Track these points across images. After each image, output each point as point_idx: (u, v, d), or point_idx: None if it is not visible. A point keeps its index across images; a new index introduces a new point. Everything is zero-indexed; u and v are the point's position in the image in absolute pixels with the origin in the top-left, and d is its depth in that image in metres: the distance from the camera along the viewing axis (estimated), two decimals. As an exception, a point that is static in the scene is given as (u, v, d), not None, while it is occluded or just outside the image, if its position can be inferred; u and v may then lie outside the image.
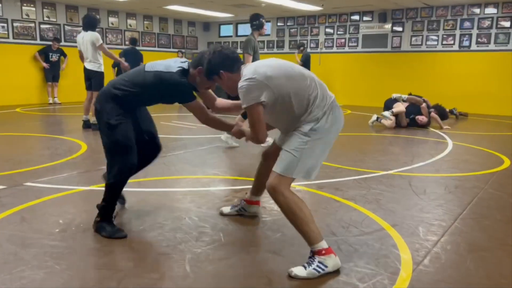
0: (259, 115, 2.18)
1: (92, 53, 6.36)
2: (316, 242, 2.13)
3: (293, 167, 2.16)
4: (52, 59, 10.48)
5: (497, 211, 3.16)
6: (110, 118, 2.51)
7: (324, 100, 2.22)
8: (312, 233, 2.14)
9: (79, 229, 2.65)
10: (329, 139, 2.25)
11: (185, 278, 2.08)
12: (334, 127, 2.24)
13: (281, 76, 2.17)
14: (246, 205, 2.89)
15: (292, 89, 2.16)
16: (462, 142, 6.05)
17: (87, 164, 4.40)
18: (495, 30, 9.74)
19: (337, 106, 2.29)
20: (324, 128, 2.19)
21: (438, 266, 2.25)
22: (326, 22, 12.20)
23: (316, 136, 2.17)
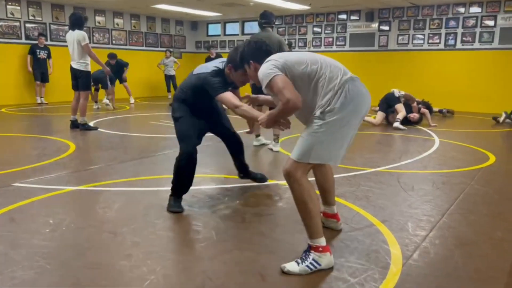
0: (284, 81, 2.08)
1: (78, 52, 6.27)
2: (316, 238, 2.13)
3: (308, 152, 2.11)
4: (40, 56, 10.26)
5: (483, 206, 3.23)
6: (175, 113, 3.10)
7: (334, 80, 2.11)
8: (315, 228, 2.13)
9: (70, 228, 2.64)
10: (347, 119, 2.10)
11: (178, 276, 2.09)
12: (350, 106, 2.09)
13: (294, 61, 2.17)
14: (323, 217, 2.67)
15: (305, 74, 2.13)
16: (448, 139, 6.15)
17: (75, 164, 4.36)
18: (480, 29, 9.91)
19: (354, 84, 2.15)
20: (336, 108, 2.07)
21: (427, 260, 2.30)
22: (314, 21, 12.27)
23: (331, 118, 2.07)
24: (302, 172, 2.14)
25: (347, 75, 2.16)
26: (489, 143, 5.92)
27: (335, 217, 2.68)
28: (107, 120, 7.88)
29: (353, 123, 2.17)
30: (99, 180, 3.74)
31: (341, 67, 2.22)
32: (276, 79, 2.09)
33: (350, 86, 2.12)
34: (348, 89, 2.11)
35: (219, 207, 3.09)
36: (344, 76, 2.15)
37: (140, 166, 4.31)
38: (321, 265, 2.12)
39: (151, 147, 5.26)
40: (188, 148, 2.99)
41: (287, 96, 2.05)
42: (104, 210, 3.00)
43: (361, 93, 2.18)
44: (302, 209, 2.15)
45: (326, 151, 2.12)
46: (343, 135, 2.13)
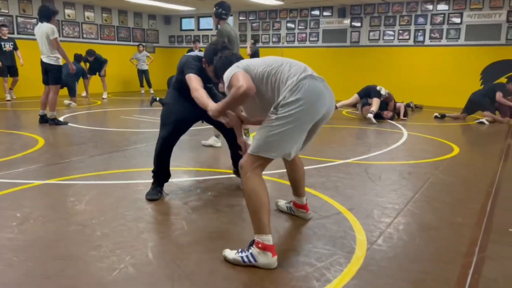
0: (243, 74, 2.14)
1: (48, 46, 6.11)
2: (259, 233, 2.08)
3: (260, 145, 2.12)
4: (6, 49, 9.57)
5: (446, 194, 3.37)
6: (164, 99, 3.21)
7: (291, 78, 2.12)
8: (259, 222, 2.08)
9: (38, 222, 2.61)
10: (299, 115, 2.08)
11: (148, 265, 2.11)
12: (303, 101, 2.07)
13: (256, 63, 2.23)
14: (294, 208, 2.79)
15: (265, 73, 2.17)
16: (416, 132, 6.34)
17: (44, 158, 4.29)
18: (447, 26, 10.22)
19: (312, 81, 2.14)
20: (288, 102, 2.07)
21: (391, 245, 2.39)
22: (287, 16, 12.35)
23: (283, 113, 2.07)
24: (256, 166, 2.14)
25: (307, 73, 2.16)
26: (454, 136, 6.14)
27: (305, 207, 2.75)
28: (78, 114, 7.74)
29: (306, 119, 2.14)
30: (68, 174, 3.70)
31: (303, 66, 2.23)
32: (237, 74, 2.15)
33: (307, 83, 2.11)
34: (303, 86, 2.10)
35: (191, 199, 3.12)
36: (304, 73, 2.15)
37: (111, 160, 4.28)
38: (257, 262, 2.05)
39: (122, 142, 5.22)
40: (163, 133, 3.06)
41: (241, 83, 2.08)
42: (73, 203, 2.97)
43: (318, 91, 2.15)
44: (248, 203, 2.13)
45: (275, 146, 2.12)
46: (295, 130, 2.11)
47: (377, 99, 7.63)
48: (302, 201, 2.75)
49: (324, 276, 2.00)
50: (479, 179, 3.84)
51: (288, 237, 2.49)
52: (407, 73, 10.64)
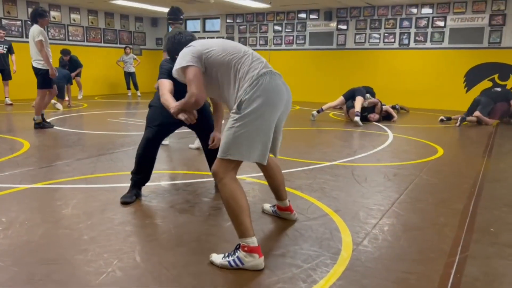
0: (195, 74, 2.15)
1: (35, 49, 6.01)
2: (243, 237, 2.08)
3: (227, 148, 2.08)
4: None
5: (430, 195, 3.44)
6: (151, 101, 3.20)
7: (252, 72, 2.11)
8: (241, 227, 2.08)
9: (24, 226, 2.59)
10: (261, 112, 2.06)
11: (136, 268, 2.11)
12: (262, 98, 2.05)
13: (215, 49, 2.20)
14: (278, 211, 2.80)
15: (224, 61, 2.17)
16: (401, 134, 6.43)
17: (30, 162, 4.25)
18: (431, 29, 10.38)
19: (271, 77, 2.13)
20: (248, 99, 2.04)
21: (376, 245, 2.44)
22: (274, 19, 12.42)
23: (244, 111, 2.04)
24: (227, 170, 2.10)
25: (267, 69, 2.16)
26: (438, 138, 6.25)
27: (289, 209, 2.77)
28: (64, 117, 7.67)
29: (269, 117, 2.10)
30: (55, 177, 3.67)
31: (264, 61, 2.22)
32: (189, 69, 2.17)
33: (267, 79, 2.10)
34: (264, 82, 2.08)
35: (178, 202, 3.12)
36: (264, 69, 2.14)
37: (98, 164, 4.26)
38: (244, 264, 2.07)
39: (109, 145, 5.19)
40: (147, 134, 3.08)
41: (193, 91, 2.15)
42: (60, 207, 2.96)
43: (277, 88, 2.14)
44: (227, 208, 2.11)
45: (243, 146, 2.07)
46: (259, 129, 2.08)
47: (360, 98, 7.68)
48: (285, 204, 2.76)
49: (310, 277, 2.03)
50: (462, 179, 3.92)
51: (275, 239, 2.52)
52: (392, 75, 10.78)
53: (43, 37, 5.96)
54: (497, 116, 7.85)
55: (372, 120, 7.79)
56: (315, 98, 11.47)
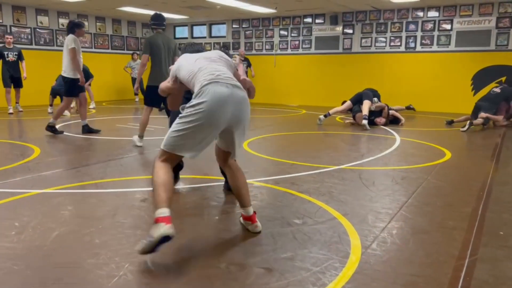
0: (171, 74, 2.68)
1: (67, 57, 6.13)
2: (156, 208, 2.23)
3: (166, 141, 2.39)
4: (9, 59, 9.02)
5: (438, 198, 3.44)
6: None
7: (201, 82, 2.37)
8: (157, 198, 2.25)
9: (36, 230, 2.63)
10: (198, 117, 2.28)
11: (147, 272, 2.14)
12: (202, 105, 2.28)
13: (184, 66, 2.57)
14: (242, 220, 2.72)
15: (184, 77, 2.53)
16: (408, 138, 6.43)
17: (41, 167, 4.30)
18: (437, 32, 10.37)
19: (215, 86, 2.33)
20: (193, 104, 2.31)
21: (385, 249, 2.45)
22: (280, 24, 12.47)
23: (186, 112, 2.33)
24: (163, 159, 2.38)
25: (212, 79, 2.37)
26: (446, 141, 6.23)
27: (250, 219, 2.63)
28: (73, 123, 7.75)
29: (205, 122, 2.30)
30: (65, 182, 3.72)
31: (212, 72, 2.43)
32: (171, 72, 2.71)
33: (210, 88, 2.32)
34: (205, 91, 2.32)
35: (187, 206, 3.16)
36: (208, 79, 2.37)
37: (107, 169, 4.30)
38: (153, 237, 2.11)
39: (118, 150, 5.24)
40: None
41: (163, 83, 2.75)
42: (71, 211, 3.00)
43: (220, 96, 2.32)
44: (152, 186, 2.35)
45: (178, 142, 2.34)
46: (195, 130, 2.31)
47: (368, 102, 7.69)
48: (248, 212, 2.63)
49: (319, 281, 2.05)
50: (470, 183, 3.91)
51: (283, 243, 2.53)
52: (399, 79, 10.77)
53: (76, 45, 6.07)
54: (503, 113, 7.79)
55: (379, 124, 7.79)
56: (321, 103, 11.48)
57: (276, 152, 5.33)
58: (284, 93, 12.48)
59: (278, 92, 12.54)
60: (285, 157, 4.89)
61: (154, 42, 5.45)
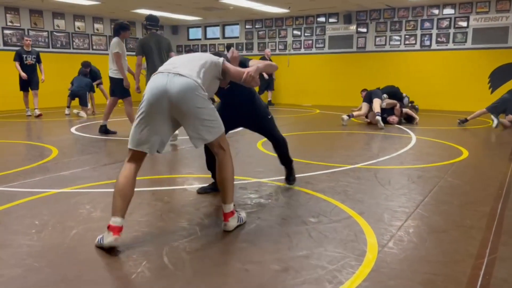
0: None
1: (111, 59, 6.26)
2: (112, 214, 2.36)
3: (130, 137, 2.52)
4: (27, 62, 8.92)
5: (455, 197, 3.39)
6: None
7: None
8: (113, 203, 2.37)
9: (56, 228, 2.69)
10: (142, 106, 2.41)
11: (164, 269, 2.16)
12: (146, 94, 2.40)
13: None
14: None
15: None
16: (424, 137, 6.35)
17: (59, 167, 4.38)
18: (453, 30, 10.23)
19: (155, 77, 2.42)
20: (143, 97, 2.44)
21: (401, 247, 2.43)
22: (293, 24, 12.46)
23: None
24: (128, 159, 2.53)
25: (160, 70, 2.45)
26: (462, 139, 6.14)
27: (223, 215, 2.62)
28: (89, 124, 7.87)
29: (151, 111, 2.39)
30: (83, 182, 3.78)
31: (168, 66, 2.47)
32: None
33: (151, 80, 2.44)
34: (149, 82, 2.44)
35: (203, 205, 3.18)
36: (159, 71, 2.45)
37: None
38: (104, 241, 2.32)
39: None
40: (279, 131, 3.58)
41: None
42: (89, 210, 3.05)
43: (154, 86, 2.39)
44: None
45: (132, 136, 2.48)
46: (142, 122, 2.42)
47: (377, 100, 7.61)
48: (225, 209, 2.61)
49: (336, 278, 2.04)
50: (488, 182, 3.86)
51: (298, 241, 2.53)
52: (414, 78, 10.65)
53: (120, 49, 6.15)
54: None
55: (393, 123, 7.71)
56: (335, 102, 11.43)
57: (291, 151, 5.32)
58: (298, 93, 12.46)
59: (291, 92, 12.53)
60: (300, 156, 4.88)
61: (145, 43, 5.63)
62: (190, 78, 2.37)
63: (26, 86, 9.05)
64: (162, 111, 2.39)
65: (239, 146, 5.58)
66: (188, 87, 2.35)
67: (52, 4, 10.36)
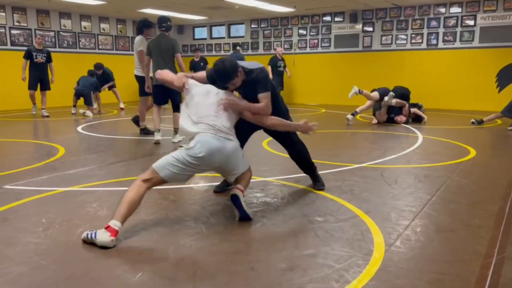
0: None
1: (136, 57, 6.24)
2: (113, 218, 2.44)
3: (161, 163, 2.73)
4: (37, 60, 8.74)
5: (462, 197, 3.36)
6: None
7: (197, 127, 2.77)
8: (119, 209, 2.47)
9: (63, 226, 2.69)
10: (195, 163, 2.68)
11: (169, 267, 2.16)
12: (200, 154, 2.66)
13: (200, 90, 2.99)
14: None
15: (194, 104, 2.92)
16: (431, 136, 6.31)
17: (66, 166, 4.40)
18: (460, 29, 10.16)
19: (207, 137, 2.69)
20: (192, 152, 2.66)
21: (408, 246, 2.41)
22: (299, 23, 12.43)
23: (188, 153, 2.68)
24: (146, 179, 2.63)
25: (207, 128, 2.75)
26: (470, 139, 6.10)
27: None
28: (95, 124, 7.90)
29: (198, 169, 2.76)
30: (89, 181, 3.80)
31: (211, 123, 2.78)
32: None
33: (204, 139, 2.71)
34: (201, 140, 2.71)
35: (208, 203, 3.18)
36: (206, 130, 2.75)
37: (130, 167, 4.37)
38: (96, 238, 2.38)
39: (140, 150, 5.32)
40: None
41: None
42: (95, 209, 3.06)
43: (212, 148, 2.68)
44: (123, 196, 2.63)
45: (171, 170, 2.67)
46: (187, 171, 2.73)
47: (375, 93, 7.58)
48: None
49: (343, 277, 2.03)
50: (496, 181, 3.82)
51: (305, 240, 2.52)
52: (420, 77, 10.59)
53: (144, 47, 6.07)
54: None
55: (400, 122, 7.67)
56: (341, 101, 11.39)
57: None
58: (303, 92, 12.44)
59: (297, 91, 12.51)
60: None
61: (150, 44, 5.71)
62: (232, 141, 2.78)
63: (36, 85, 8.90)
64: (210, 167, 2.79)
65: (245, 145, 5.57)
66: (234, 150, 2.78)
67: (59, 4, 10.41)
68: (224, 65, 2.86)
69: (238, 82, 2.95)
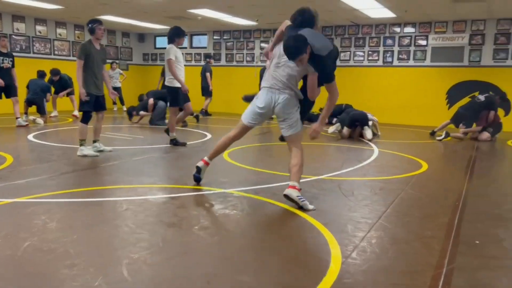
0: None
1: (166, 67, 6.08)
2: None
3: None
4: (3, 65, 7.89)
5: (416, 209, 3.48)
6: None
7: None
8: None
9: (7, 240, 2.53)
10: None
11: (123, 282, 2.08)
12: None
13: None
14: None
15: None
16: (387, 150, 6.52)
17: (13, 176, 4.16)
18: (414, 48, 10.64)
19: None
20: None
21: (364, 258, 2.45)
22: (261, 36, 12.57)
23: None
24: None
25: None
26: (422, 153, 6.35)
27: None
28: (48, 132, 7.57)
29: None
30: (39, 192, 3.61)
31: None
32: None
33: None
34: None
35: (166, 216, 3.10)
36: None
37: (83, 178, 4.20)
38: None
39: (94, 159, 5.13)
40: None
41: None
42: (44, 221, 2.90)
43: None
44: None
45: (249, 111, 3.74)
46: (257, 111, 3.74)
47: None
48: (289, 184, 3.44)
49: (300, 290, 2.03)
50: (446, 193, 3.98)
51: (264, 252, 2.51)
52: (377, 92, 10.96)
53: (174, 56, 5.99)
54: (484, 122, 7.93)
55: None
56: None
57: (256, 162, 5.33)
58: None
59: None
60: (265, 167, 4.88)
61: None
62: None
63: (0, 93, 8.04)
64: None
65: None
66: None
67: (11, 6, 9.96)
68: (293, 42, 3.24)
69: (305, 59, 3.34)
